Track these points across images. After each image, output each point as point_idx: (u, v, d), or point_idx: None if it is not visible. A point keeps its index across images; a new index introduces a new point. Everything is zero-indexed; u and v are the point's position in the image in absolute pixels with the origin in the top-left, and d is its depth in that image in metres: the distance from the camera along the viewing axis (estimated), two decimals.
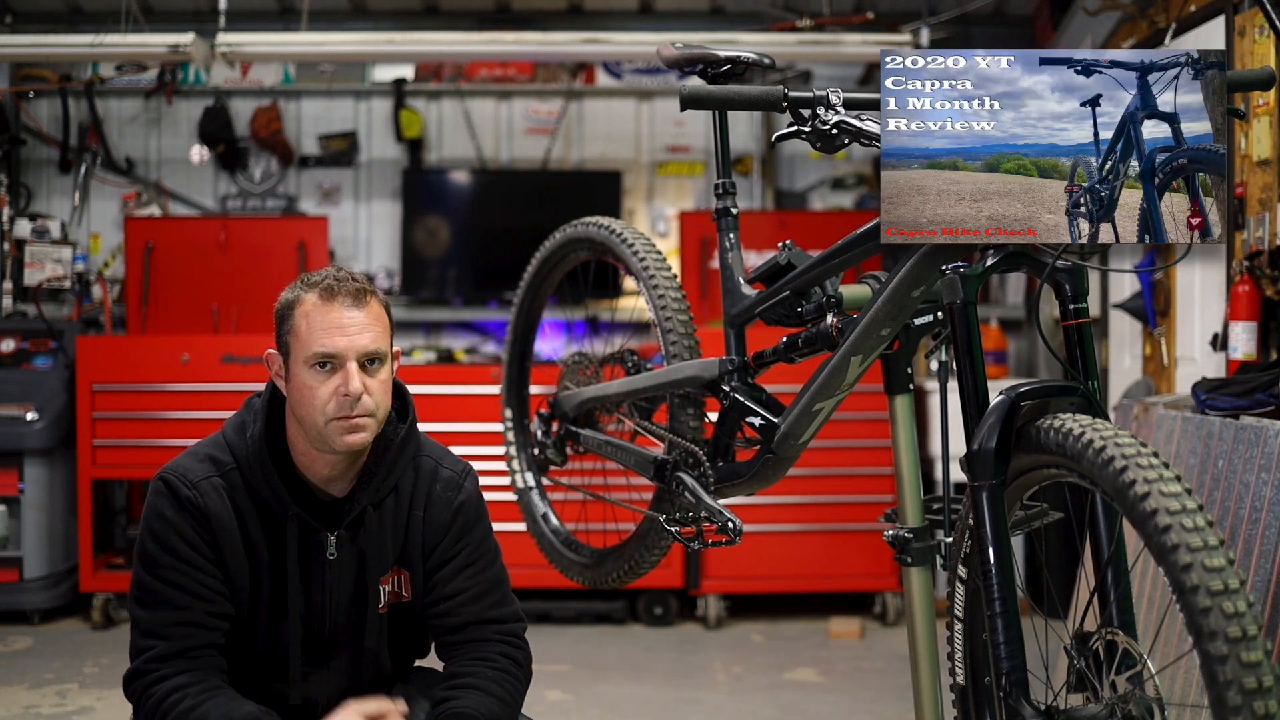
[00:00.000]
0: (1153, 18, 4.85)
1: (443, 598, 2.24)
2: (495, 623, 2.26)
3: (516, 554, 3.68)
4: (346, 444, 2.09)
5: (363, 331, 2.09)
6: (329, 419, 2.07)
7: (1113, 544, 1.74)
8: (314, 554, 2.17)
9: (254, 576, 2.16)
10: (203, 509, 2.11)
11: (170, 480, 2.13)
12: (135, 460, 5.42)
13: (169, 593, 2.10)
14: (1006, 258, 1.80)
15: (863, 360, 2.04)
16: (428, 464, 2.26)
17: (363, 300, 2.11)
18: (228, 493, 2.13)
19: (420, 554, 2.24)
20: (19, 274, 6.10)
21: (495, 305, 6.44)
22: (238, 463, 2.15)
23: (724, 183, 2.45)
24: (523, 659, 2.27)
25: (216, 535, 2.12)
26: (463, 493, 2.26)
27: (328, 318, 2.08)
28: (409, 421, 2.25)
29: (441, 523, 2.24)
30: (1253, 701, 1.36)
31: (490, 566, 2.29)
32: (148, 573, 2.12)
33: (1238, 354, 3.85)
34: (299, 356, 2.10)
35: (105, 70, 6.27)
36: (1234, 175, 4.01)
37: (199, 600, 2.11)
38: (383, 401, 2.13)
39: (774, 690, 4.59)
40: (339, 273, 2.14)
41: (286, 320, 2.12)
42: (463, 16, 6.49)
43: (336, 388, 2.07)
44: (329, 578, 2.18)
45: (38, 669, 4.80)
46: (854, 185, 6.67)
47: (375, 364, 2.11)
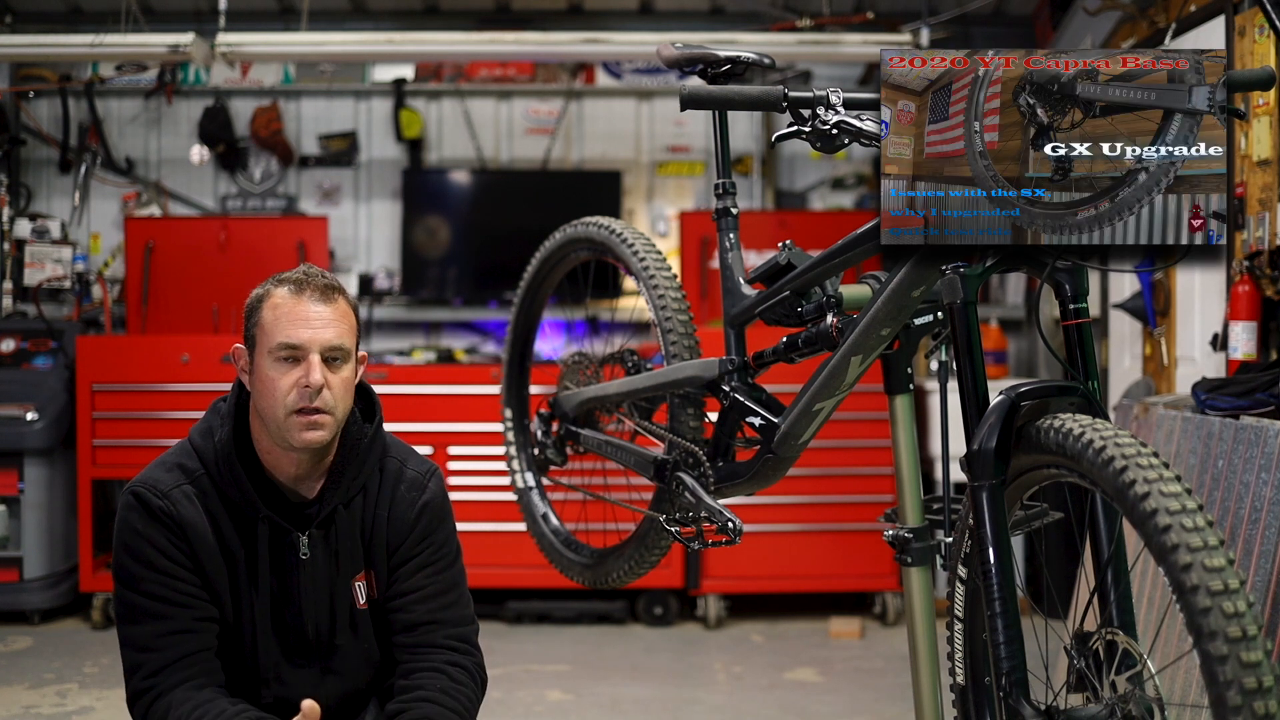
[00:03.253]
0: (1153, 18, 4.85)
1: (399, 594, 2.25)
2: (446, 625, 2.25)
3: (516, 554, 3.69)
4: (304, 440, 2.09)
5: (327, 326, 2.10)
6: (289, 411, 2.08)
7: (1113, 544, 1.74)
8: (287, 555, 2.17)
9: (232, 580, 2.16)
10: (176, 518, 2.11)
11: (140, 493, 2.13)
12: (135, 460, 5.39)
13: (152, 605, 2.10)
14: (1006, 258, 1.80)
15: (863, 360, 2.04)
16: (393, 465, 2.28)
17: (330, 297, 2.13)
18: (199, 499, 2.13)
19: (385, 553, 2.25)
20: (19, 274, 6.10)
21: (495, 305, 6.44)
22: (206, 468, 2.15)
23: (724, 183, 2.44)
24: (471, 665, 2.25)
25: (191, 542, 2.12)
26: (427, 493, 2.27)
27: (294, 311, 2.10)
28: (375, 423, 2.25)
29: (405, 522, 2.25)
30: (1253, 701, 1.36)
31: (449, 569, 2.29)
32: (128, 589, 2.12)
33: (1238, 354, 3.85)
34: (264, 348, 2.11)
35: (105, 70, 6.28)
36: (1234, 175, 4.01)
37: (183, 608, 2.11)
38: (342, 400, 2.13)
39: (774, 690, 4.59)
40: (310, 269, 2.17)
41: (255, 314, 2.14)
42: (463, 16, 6.49)
43: (298, 379, 2.08)
44: (303, 577, 2.18)
45: (38, 669, 4.80)
46: (854, 185, 6.67)
47: (338, 361, 2.12)
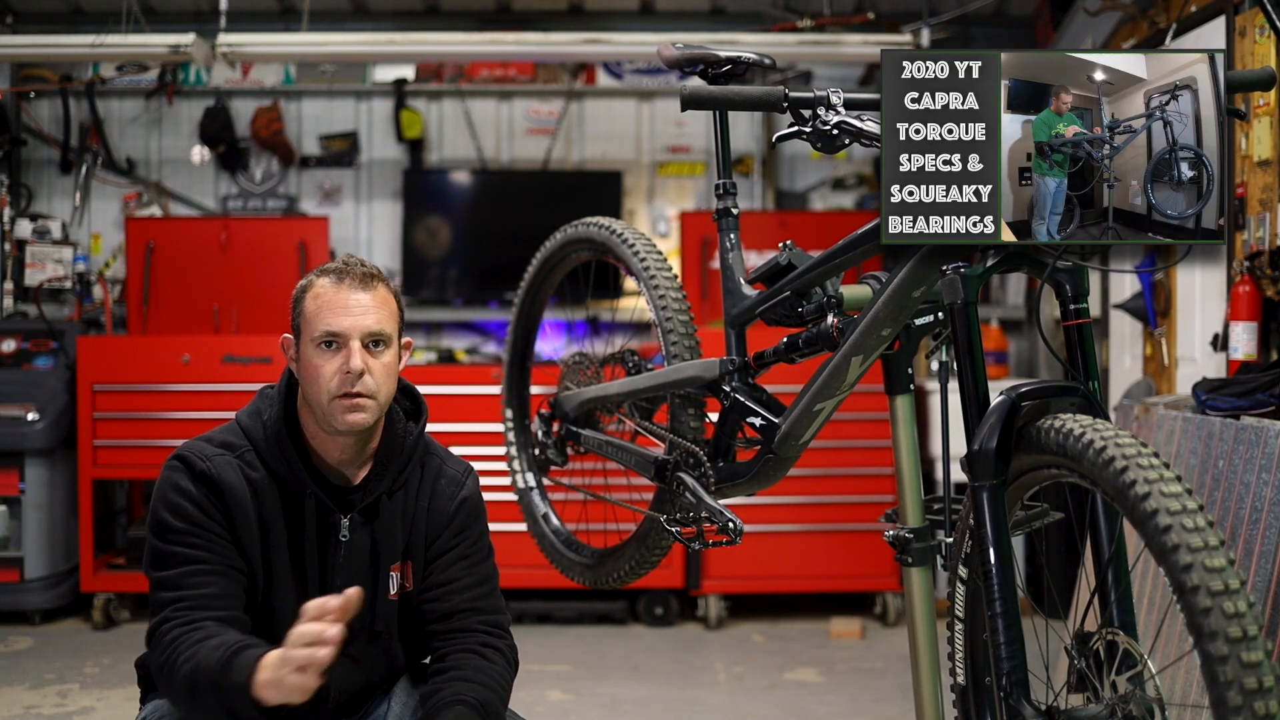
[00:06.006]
0: (1153, 18, 4.85)
1: (435, 584, 2.29)
2: (481, 612, 2.30)
3: (517, 554, 3.68)
4: (348, 423, 2.14)
5: (367, 313, 2.16)
6: (332, 396, 2.14)
7: (1113, 544, 1.74)
8: (329, 535, 2.22)
9: (265, 552, 2.19)
10: (216, 480, 2.15)
11: (185, 455, 2.18)
12: (136, 460, 5.42)
13: (184, 552, 2.13)
14: (1007, 258, 1.80)
15: (863, 360, 2.04)
16: (433, 462, 2.34)
17: (370, 284, 2.18)
18: (242, 470, 2.18)
19: (422, 545, 2.29)
20: (20, 274, 6.11)
21: (496, 305, 6.44)
22: (254, 445, 2.20)
23: (724, 183, 2.45)
24: (506, 649, 2.31)
25: (230, 507, 2.16)
26: (465, 489, 2.33)
27: (335, 299, 2.16)
28: (421, 423, 2.32)
29: (444, 515, 2.30)
30: (1253, 702, 1.36)
31: (483, 562, 2.34)
32: (160, 539, 2.15)
33: (1238, 354, 3.85)
34: (308, 336, 2.17)
35: (106, 71, 6.28)
36: (1234, 175, 4.01)
37: (214, 553, 2.14)
38: (384, 384, 2.18)
39: (774, 690, 4.59)
40: (350, 259, 2.23)
41: (299, 304, 2.20)
42: (463, 17, 6.49)
43: (340, 365, 2.13)
44: (341, 559, 2.22)
45: (38, 669, 4.80)
46: (854, 185, 6.67)
47: (379, 346, 2.17)
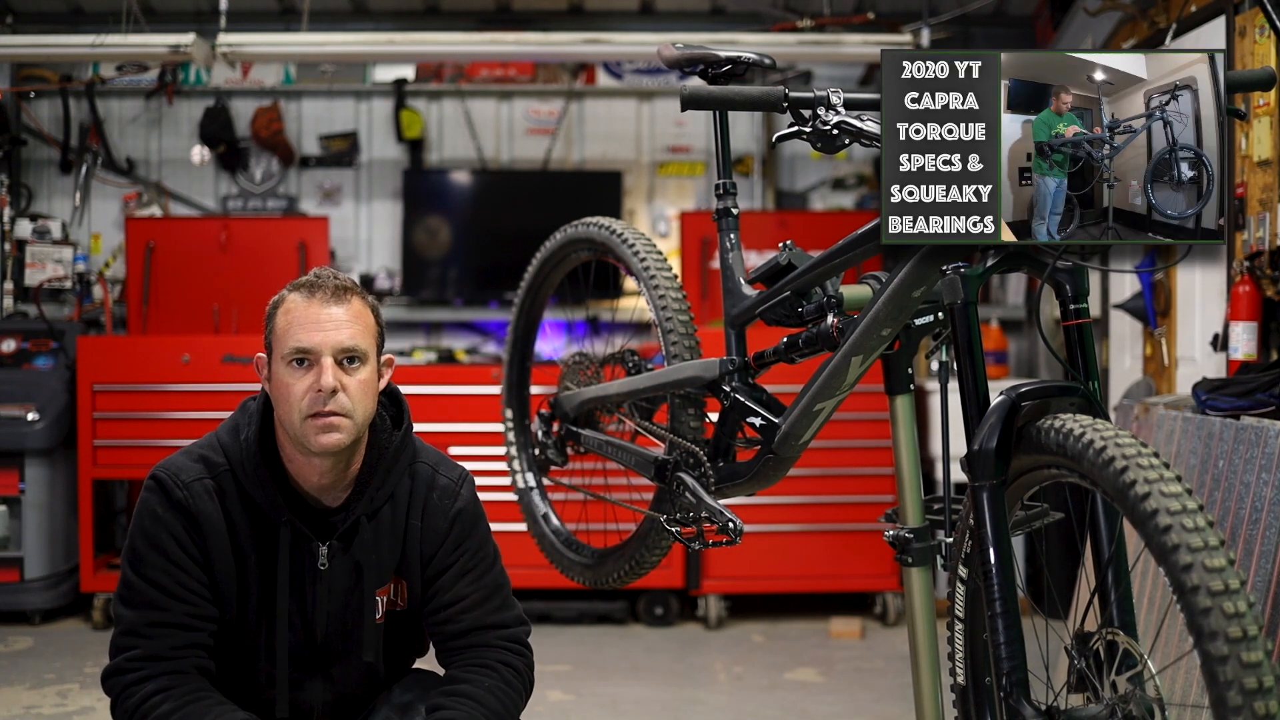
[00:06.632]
0: (1153, 18, 4.85)
1: (443, 605, 2.22)
2: (497, 628, 2.24)
3: (517, 554, 3.67)
4: (321, 444, 2.05)
5: (340, 328, 2.07)
6: (304, 416, 2.05)
7: (1113, 544, 1.74)
8: (305, 563, 2.15)
9: (242, 582, 2.13)
10: (193, 511, 2.09)
11: (163, 479, 2.11)
12: (136, 460, 5.41)
13: (152, 593, 2.09)
14: (1007, 258, 1.80)
15: (863, 360, 2.04)
16: (424, 471, 2.24)
17: (343, 298, 2.09)
18: (219, 496, 2.11)
19: (418, 562, 2.22)
20: (20, 274, 6.11)
21: (496, 305, 6.44)
22: (231, 465, 2.12)
23: (724, 183, 2.44)
24: (523, 666, 2.24)
25: (206, 538, 2.10)
26: (459, 500, 2.24)
27: (306, 314, 2.07)
28: (404, 429, 2.22)
29: (439, 531, 2.21)
30: (1253, 702, 1.36)
31: (489, 571, 2.27)
32: (133, 570, 2.11)
33: (1238, 354, 3.85)
34: (278, 354, 2.09)
35: (106, 70, 6.28)
36: (1234, 175, 4.01)
37: (181, 602, 2.09)
38: (361, 402, 2.09)
39: (774, 690, 4.59)
40: (323, 271, 2.13)
41: (271, 320, 2.12)
42: (463, 17, 6.49)
43: (311, 383, 2.04)
44: (319, 588, 2.15)
45: (38, 669, 4.80)
46: (854, 185, 6.67)
47: (354, 363, 2.08)
